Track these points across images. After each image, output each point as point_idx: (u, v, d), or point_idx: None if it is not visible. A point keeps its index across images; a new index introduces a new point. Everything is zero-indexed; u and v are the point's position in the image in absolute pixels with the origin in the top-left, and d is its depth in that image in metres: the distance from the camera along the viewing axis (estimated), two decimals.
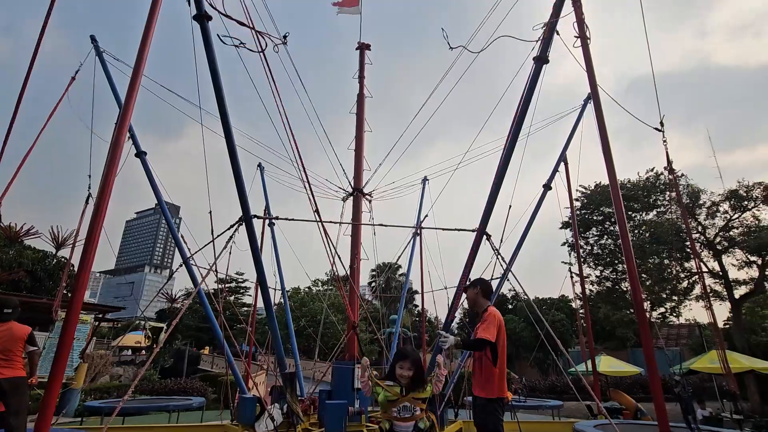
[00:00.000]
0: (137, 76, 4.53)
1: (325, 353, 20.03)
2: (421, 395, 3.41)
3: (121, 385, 16.01)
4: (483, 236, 5.73)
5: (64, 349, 3.86)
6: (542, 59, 5.43)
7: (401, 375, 3.39)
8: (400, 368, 3.43)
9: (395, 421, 3.39)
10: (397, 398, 3.39)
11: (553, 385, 19.56)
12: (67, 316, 4.00)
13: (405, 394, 3.37)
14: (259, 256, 5.76)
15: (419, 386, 3.41)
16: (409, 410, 3.39)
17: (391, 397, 3.40)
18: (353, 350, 7.53)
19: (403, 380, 3.38)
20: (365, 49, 9.31)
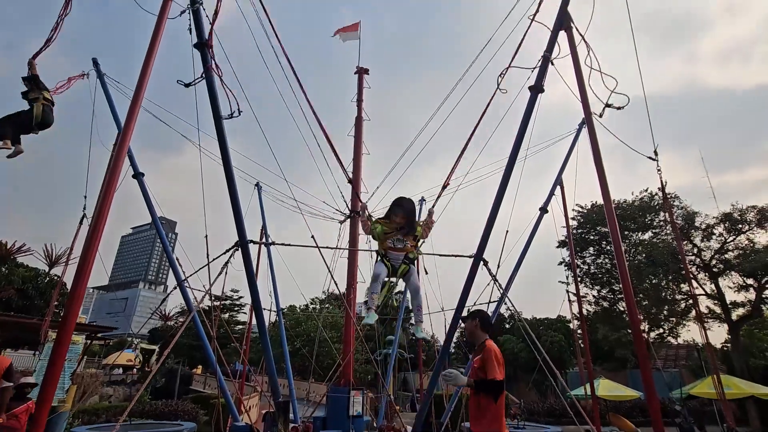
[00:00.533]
0: (137, 103, 4.58)
1: (319, 374, 19.68)
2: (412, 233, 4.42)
3: (110, 407, 15.60)
4: (480, 262, 5.72)
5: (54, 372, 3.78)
6: (538, 89, 5.52)
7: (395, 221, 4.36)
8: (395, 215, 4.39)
9: (389, 250, 4.35)
10: (391, 231, 4.38)
11: (552, 408, 19.25)
12: (56, 343, 3.92)
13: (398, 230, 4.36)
14: (255, 281, 5.71)
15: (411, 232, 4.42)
16: (401, 242, 4.35)
17: (387, 230, 4.40)
18: (349, 375, 7.41)
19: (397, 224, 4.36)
20: (364, 73, 9.45)
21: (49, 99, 4.86)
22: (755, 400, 14.55)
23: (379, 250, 4.45)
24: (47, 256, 20.28)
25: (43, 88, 4.87)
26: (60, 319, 5.73)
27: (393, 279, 4.45)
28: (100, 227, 4.29)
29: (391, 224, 4.36)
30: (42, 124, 4.81)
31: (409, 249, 4.39)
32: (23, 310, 16.18)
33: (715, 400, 14.59)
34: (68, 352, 9.04)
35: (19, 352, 18.93)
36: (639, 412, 16.96)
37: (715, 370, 7.93)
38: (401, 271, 4.36)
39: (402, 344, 21.60)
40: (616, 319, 21.22)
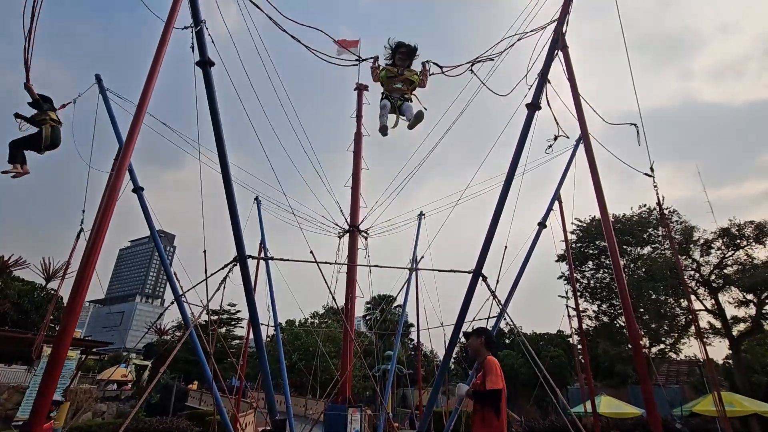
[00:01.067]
0: (138, 120, 4.61)
1: (317, 390, 19.40)
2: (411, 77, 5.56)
3: (103, 424, 15.32)
4: (479, 278, 5.71)
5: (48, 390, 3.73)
6: (535, 106, 5.60)
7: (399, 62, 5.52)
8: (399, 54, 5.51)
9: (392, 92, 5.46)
10: (395, 75, 5.49)
11: (553, 425, 18.92)
12: (51, 360, 3.87)
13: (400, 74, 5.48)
14: (253, 298, 5.68)
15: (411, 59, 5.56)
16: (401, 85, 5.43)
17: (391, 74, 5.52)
18: (346, 393, 7.31)
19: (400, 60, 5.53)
20: (363, 89, 9.57)
21: (55, 119, 4.94)
22: (759, 417, 14.35)
23: (383, 92, 5.57)
24: (44, 269, 20.16)
25: (49, 109, 4.95)
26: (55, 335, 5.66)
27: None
28: (99, 242, 4.28)
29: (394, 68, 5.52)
30: (50, 146, 4.89)
31: (407, 91, 5.50)
32: (19, 324, 16.00)
33: (717, 417, 14.39)
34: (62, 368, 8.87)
35: (12, 368, 18.66)
36: (641, 430, 16.67)
37: (716, 387, 7.84)
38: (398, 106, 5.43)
39: (401, 360, 21.39)
40: (616, 334, 21.06)
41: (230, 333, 40.54)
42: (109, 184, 6.33)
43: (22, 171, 4.85)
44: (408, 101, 5.56)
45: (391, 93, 5.54)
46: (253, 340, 9.20)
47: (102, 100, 8.07)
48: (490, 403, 3.49)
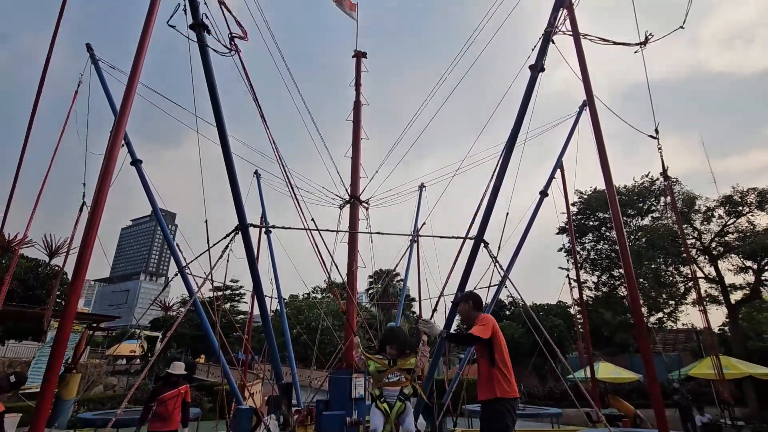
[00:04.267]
0: (132, 85, 4.51)
1: (322, 362, 19.86)
2: (406, 365, 4.36)
3: (115, 396, 15.79)
4: (480, 244, 5.71)
5: (56, 362, 3.81)
6: (538, 68, 5.45)
7: (390, 353, 4.38)
8: (389, 348, 4.42)
9: (384, 387, 4.28)
10: (386, 369, 4.34)
11: (552, 391, 19.48)
12: (58, 330, 3.94)
13: (392, 365, 4.35)
14: (256, 266, 5.71)
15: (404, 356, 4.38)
16: (396, 376, 4.31)
17: (381, 368, 4.36)
18: (350, 359, 7.45)
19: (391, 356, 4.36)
20: (362, 57, 9.33)
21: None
22: (753, 380, 14.71)
23: (372, 391, 4.36)
24: (47, 246, 20.31)
25: None
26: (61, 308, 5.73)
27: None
28: (99, 212, 4.26)
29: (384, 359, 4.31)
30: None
31: (405, 384, 4.26)
32: (25, 301, 16.26)
33: (713, 381, 14.76)
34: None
35: (23, 343, 19.05)
36: (638, 395, 17.15)
37: (714, 351, 8.01)
38: (397, 410, 4.14)
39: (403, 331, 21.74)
40: (616, 304, 21.36)
41: (234, 308, 41.20)
42: (106, 154, 6.26)
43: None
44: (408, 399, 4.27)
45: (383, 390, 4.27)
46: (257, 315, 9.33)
47: (95, 72, 7.91)
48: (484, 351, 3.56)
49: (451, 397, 8.29)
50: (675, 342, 27.74)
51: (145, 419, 5.39)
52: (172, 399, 5.38)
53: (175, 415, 5.44)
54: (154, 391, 5.52)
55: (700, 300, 9.56)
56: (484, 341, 3.47)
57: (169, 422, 5.39)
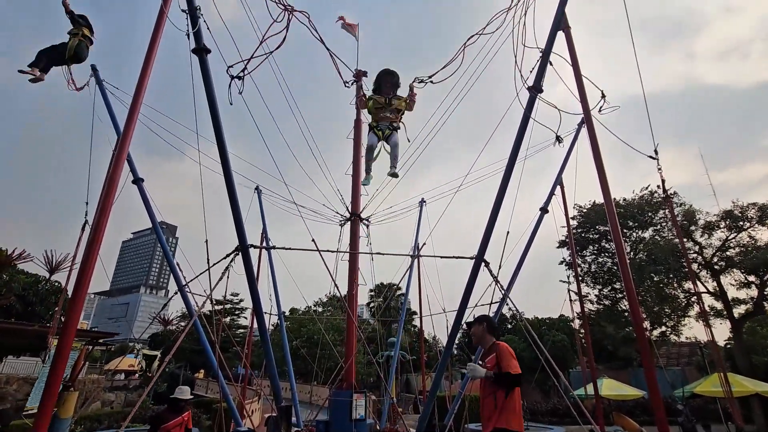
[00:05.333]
0: (136, 108, 4.58)
1: (321, 376, 19.65)
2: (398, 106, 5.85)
3: (112, 413, 15.54)
4: (481, 264, 5.71)
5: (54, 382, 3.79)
6: (536, 89, 5.52)
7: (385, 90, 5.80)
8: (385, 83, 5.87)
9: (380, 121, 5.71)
10: (382, 106, 5.75)
11: (555, 408, 19.20)
12: (57, 351, 3.92)
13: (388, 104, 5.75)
14: (256, 287, 5.70)
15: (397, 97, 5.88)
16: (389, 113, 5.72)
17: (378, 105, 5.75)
18: (351, 378, 7.38)
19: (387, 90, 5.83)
20: (362, 76, 9.44)
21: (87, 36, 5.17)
22: (760, 397, 14.49)
23: (371, 123, 5.82)
24: (47, 262, 20.26)
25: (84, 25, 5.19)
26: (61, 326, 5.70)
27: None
28: (100, 233, 4.29)
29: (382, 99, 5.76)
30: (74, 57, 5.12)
31: (394, 119, 5.78)
32: (24, 317, 16.16)
33: (719, 398, 14.55)
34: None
35: (20, 359, 18.86)
36: (642, 411, 16.89)
37: (722, 368, 7.90)
38: (386, 136, 5.69)
39: (404, 346, 21.57)
40: (618, 317, 21.19)
41: (234, 322, 40.91)
42: (108, 175, 6.30)
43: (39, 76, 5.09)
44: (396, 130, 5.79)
45: (379, 123, 5.76)
46: (257, 329, 9.26)
47: (99, 92, 8.01)
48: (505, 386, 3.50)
49: (453, 417, 8.18)
50: (678, 356, 27.41)
51: None
52: (176, 428, 5.14)
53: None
54: (158, 418, 5.24)
55: (704, 314, 9.49)
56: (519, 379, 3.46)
57: None
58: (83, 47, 5.16)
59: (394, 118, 5.82)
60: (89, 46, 5.30)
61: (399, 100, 5.92)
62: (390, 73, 5.88)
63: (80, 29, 5.12)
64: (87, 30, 5.25)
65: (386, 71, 5.93)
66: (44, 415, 3.52)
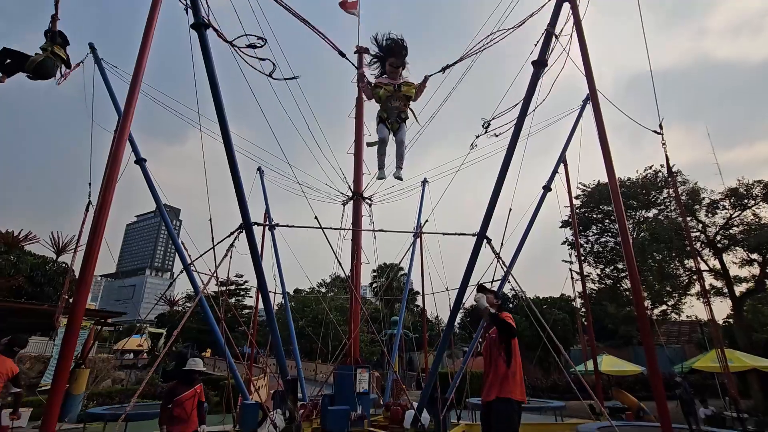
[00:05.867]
0: (136, 85, 4.54)
1: (326, 354, 20.03)
2: (408, 93, 5.34)
3: (123, 390, 15.98)
4: (483, 241, 5.73)
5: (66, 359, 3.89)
6: (541, 63, 5.43)
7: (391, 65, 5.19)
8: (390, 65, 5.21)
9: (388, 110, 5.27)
10: (391, 94, 5.26)
11: (555, 384, 19.57)
12: (67, 329, 4.01)
13: (397, 90, 5.25)
14: (260, 264, 5.76)
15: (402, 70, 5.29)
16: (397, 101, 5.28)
17: (388, 93, 5.25)
18: (356, 353, 7.53)
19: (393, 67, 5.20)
20: (363, 53, 9.30)
21: (58, 54, 4.80)
22: (757, 373, 14.71)
23: (379, 113, 5.39)
24: (54, 243, 20.52)
25: (58, 44, 4.81)
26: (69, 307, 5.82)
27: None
28: (105, 211, 4.32)
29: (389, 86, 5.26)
30: (36, 71, 4.66)
31: (403, 108, 5.39)
32: (34, 297, 16.47)
33: (717, 373, 14.78)
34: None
35: (32, 339, 19.31)
36: (642, 387, 17.20)
37: (720, 344, 8.01)
38: (393, 129, 5.35)
39: (407, 325, 21.90)
40: (619, 296, 21.34)
41: (240, 303, 41.46)
42: (110, 155, 6.30)
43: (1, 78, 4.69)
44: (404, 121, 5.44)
45: (388, 112, 5.37)
46: (262, 309, 9.40)
47: (98, 72, 7.93)
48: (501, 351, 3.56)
49: (455, 391, 8.37)
50: (679, 334, 27.71)
51: (164, 422, 5.04)
52: (189, 399, 5.12)
53: (193, 416, 5.19)
54: (171, 391, 5.19)
55: (705, 293, 9.55)
56: (506, 340, 3.50)
57: (188, 423, 5.12)
58: (49, 65, 4.70)
59: (402, 106, 5.33)
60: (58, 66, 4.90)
61: (409, 86, 5.35)
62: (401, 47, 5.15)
63: (51, 46, 4.74)
64: (60, 50, 4.80)
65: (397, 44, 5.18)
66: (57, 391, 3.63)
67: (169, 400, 5.04)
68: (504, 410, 3.42)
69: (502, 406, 3.43)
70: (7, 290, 15.74)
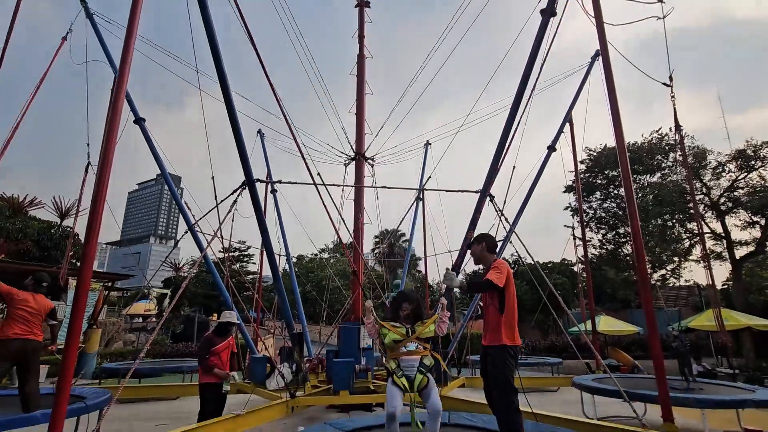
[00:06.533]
0: (131, 35, 4.40)
1: (331, 317, 20.52)
2: (425, 334, 3.73)
3: (134, 350, 16.56)
4: (486, 197, 5.72)
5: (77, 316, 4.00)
6: (549, 12, 5.22)
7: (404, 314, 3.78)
8: (404, 308, 3.80)
9: (402, 357, 3.66)
10: (402, 339, 3.70)
11: (553, 344, 20.09)
12: (77, 287, 4.09)
13: (409, 335, 3.69)
14: (264, 220, 5.79)
15: (419, 319, 3.80)
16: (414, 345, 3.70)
17: (398, 338, 3.70)
18: (359, 312, 7.70)
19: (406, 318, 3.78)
20: (365, 6, 8.95)
21: None
22: (751, 332, 15.05)
23: (387, 364, 3.79)
24: (57, 208, 20.65)
25: None
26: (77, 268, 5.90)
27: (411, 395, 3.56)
28: (107, 171, 4.28)
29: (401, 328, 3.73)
30: None
31: (424, 352, 3.71)
32: (41, 261, 16.76)
33: (712, 332, 15.13)
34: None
35: None
36: (638, 347, 17.66)
37: (716, 304, 8.14)
38: (418, 384, 3.56)
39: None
40: (620, 261, 21.53)
41: (243, 269, 42.09)
42: (109, 113, 6.21)
43: None
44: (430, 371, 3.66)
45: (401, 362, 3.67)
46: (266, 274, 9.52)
47: (91, 27, 7.68)
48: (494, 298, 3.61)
49: (456, 348, 8.62)
50: (677, 298, 28.16)
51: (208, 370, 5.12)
52: (225, 350, 5.28)
53: (227, 364, 5.32)
54: (208, 341, 5.27)
55: (705, 257, 9.61)
56: (498, 288, 3.48)
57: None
58: None
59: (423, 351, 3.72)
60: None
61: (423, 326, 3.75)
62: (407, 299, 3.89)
63: None
64: None
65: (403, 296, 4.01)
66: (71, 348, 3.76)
67: (207, 350, 5.18)
68: (498, 356, 3.56)
69: (497, 352, 3.57)
70: (15, 254, 15.97)
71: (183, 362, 11.28)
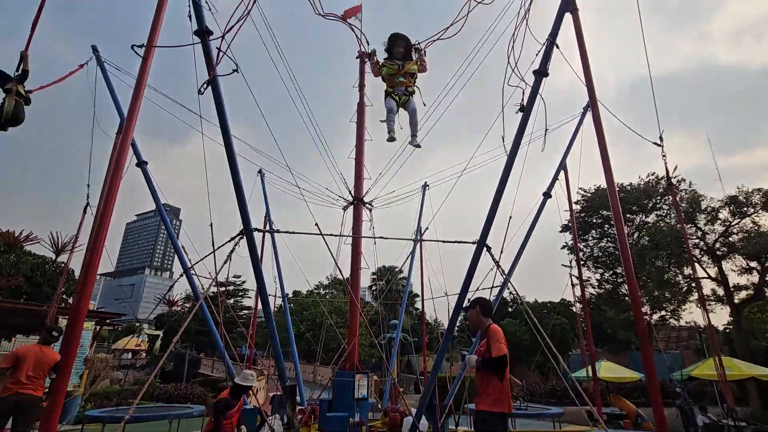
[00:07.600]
0: (139, 92, 4.57)
1: (326, 359, 20.01)
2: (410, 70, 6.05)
3: (121, 391, 15.95)
4: (483, 249, 5.75)
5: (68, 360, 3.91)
6: (542, 73, 5.46)
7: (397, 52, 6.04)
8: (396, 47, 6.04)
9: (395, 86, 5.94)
10: (395, 72, 5.95)
11: (554, 389, 19.53)
12: (68, 331, 4.02)
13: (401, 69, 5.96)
14: (260, 269, 5.78)
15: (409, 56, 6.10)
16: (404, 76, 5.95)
17: (392, 71, 5.96)
18: (354, 360, 7.53)
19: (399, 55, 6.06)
20: (365, 58, 9.33)
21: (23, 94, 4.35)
22: (756, 381, 14.70)
23: (386, 89, 6.01)
24: (53, 244, 20.57)
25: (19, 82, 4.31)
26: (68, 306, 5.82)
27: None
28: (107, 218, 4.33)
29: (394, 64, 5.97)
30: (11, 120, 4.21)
31: (408, 83, 5.98)
32: (32, 297, 16.48)
33: (715, 381, 14.76)
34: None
35: (30, 338, 19.29)
36: (640, 393, 17.19)
37: (717, 352, 8.01)
38: (403, 102, 5.89)
39: (405, 329, 21.88)
40: (618, 301, 21.34)
41: (238, 303, 41.42)
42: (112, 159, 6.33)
43: None
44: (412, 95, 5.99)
45: (395, 88, 5.96)
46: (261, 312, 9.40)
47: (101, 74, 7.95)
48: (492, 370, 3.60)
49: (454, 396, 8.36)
50: (678, 339, 27.68)
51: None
52: (236, 413, 5.20)
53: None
54: (227, 404, 5.14)
55: (703, 301, 9.56)
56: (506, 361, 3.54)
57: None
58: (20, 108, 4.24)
59: (408, 82, 6.01)
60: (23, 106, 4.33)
61: (410, 63, 6.11)
62: (398, 37, 6.06)
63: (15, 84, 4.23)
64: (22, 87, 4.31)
65: (394, 36, 6.10)
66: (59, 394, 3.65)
67: (225, 414, 5.04)
68: (495, 424, 3.52)
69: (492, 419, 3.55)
70: (6, 290, 15.74)
71: (170, 408, 10.85)
